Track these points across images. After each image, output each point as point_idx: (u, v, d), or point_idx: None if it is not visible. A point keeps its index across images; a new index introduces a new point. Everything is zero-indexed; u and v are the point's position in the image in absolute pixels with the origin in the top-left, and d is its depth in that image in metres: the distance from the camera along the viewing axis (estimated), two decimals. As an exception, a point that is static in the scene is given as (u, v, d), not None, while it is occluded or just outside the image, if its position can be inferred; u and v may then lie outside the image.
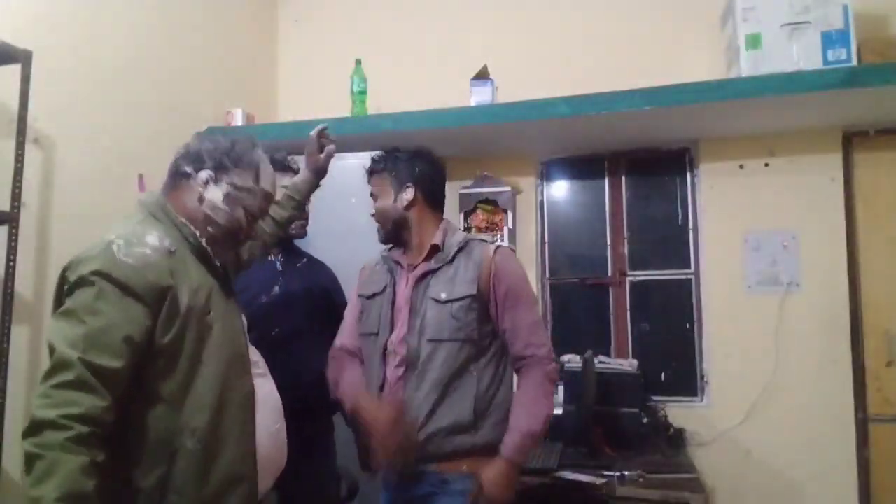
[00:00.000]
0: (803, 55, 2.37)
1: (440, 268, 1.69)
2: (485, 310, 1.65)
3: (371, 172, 1.81)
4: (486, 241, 1.79)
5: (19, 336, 1.97)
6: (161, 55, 2.64)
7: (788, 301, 2.68)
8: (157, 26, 2.63)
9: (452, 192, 3.09)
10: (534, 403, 1.61)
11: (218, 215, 1.35)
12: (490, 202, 2.98)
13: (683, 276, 2.92)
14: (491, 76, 2.77)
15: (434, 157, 1.84)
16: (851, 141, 2.71)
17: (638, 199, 3.02)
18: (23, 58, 1.89)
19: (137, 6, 2.53)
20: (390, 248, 1.83)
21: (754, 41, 2.44)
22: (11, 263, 1.85)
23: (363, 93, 2.89)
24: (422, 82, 3.12)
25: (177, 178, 1.37)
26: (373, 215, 1.80)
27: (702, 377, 2.82)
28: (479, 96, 2.73)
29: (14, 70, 1.88)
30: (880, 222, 2.66)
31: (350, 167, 2.45)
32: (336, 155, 2.76)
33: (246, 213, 1.39)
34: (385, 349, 1.68)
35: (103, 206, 2.34)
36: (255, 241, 1.67)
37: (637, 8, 2.96)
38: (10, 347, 1.85)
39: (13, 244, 1.86)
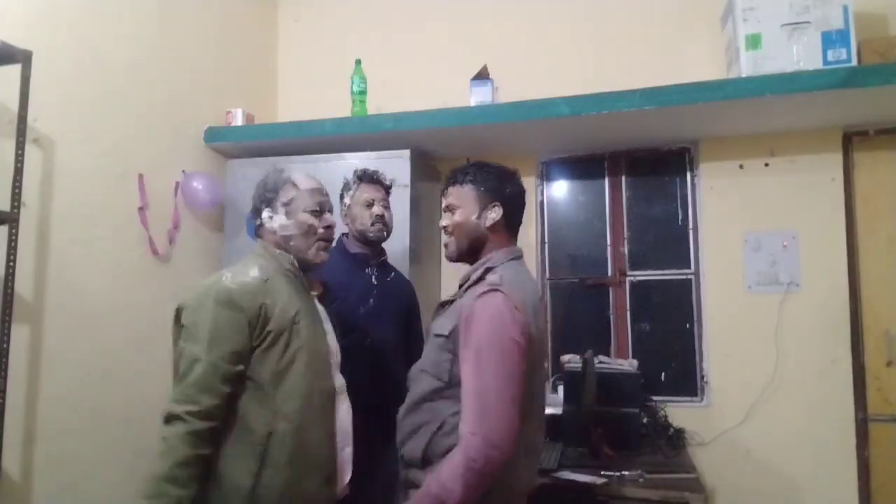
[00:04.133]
0: (803, 55, 2.37)
1: (453, 301, 1.62)
2: (457, 355, 1.51)
3: (452, 182, 1.70)
4: (487, 281, 1.54)
5: (19, 336, 1.97)
6: (161, 55, 2.64)
7: (788, 301, 2.68)
8: (157, 26, 2.63)
9: (452, 192, 3.09)
10: (442, 481, 1.40)
11: (289, 230, 1.67)
12: (490, 202, 2.98)
13: (683, 276, 2.92)
14: (491, 76, 2.77)
15: (520, 182, 1.72)
16: (851, 141, 2.71)
17: (638, 199, 3.02)
18: (23, 58, 1.89)
19: (137, 6, 2.53)
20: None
21: (754, 41, 2.44)
22: (11, 263, 1.86)
23: (363, 93, 2.90)
24: (422, 82, 3.12)
25: (257, 230, 1.73)
26: (444, 227, 1.69)
27: (702, 377, 2.82)
28: (479, 96, 2.73)
29: (14, 70, 1.88)
30: (880, 222, 2.66)
31: (350, 167, 2.46)
32: (336, 155, 2.80)
33: (307, 213, 1.67)
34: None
35: (103, 206, 2.34)
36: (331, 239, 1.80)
37: (637, 8, 2.96)
38: (10, 347, 1.85)
39: (13, 244, 1.86)
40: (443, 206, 1.72)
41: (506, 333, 1.44)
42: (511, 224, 1.67)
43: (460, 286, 1.65)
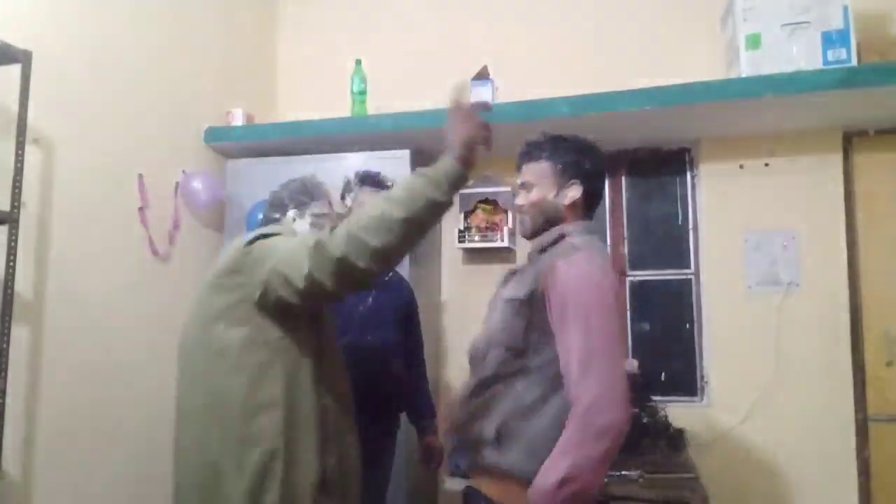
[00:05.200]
0: (803, 55, 2.37)
1: (521, 269, 1.56)
2: (539, 320, 1.41)
3: (527, 158, 1.59)
4: (573, 244, 1.47)
5: (19, 336, 1.97)
6: (161, 55, 2.64)
7: (788, 301, 2.68)
8: (158, 26, 2.63)
9: (452, 192, 3.09)
10: (561, 452, 1.30)
11: None
12: (490, 202, 2.98)
13: (683, 276, 2.91)
14: (491, 76, 2.77)
15: (601, 153, 1.61)
16: (851, 141, 2.71)
17: (638, 199, 3.02)
18: (23, 58, 1.89)
19: (138, 6, 2.53)
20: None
21: (754, 41, 2.44)
22: (11, 263, 1.85)
23: (363, 93, 2.90)
24: (422, 82, 3.11)
25: (270, 222, 1.65)
26: (519, 206, 1.61)
27: (702, 377, 2.82)
28: (479, 96, 2.73)
29: (14, 70, 1.88)
30: (880, 222, 2.66)
31: (350, 167, 2.46)
32: (336, 155, 2.80)
33: None
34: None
35: (103, 206, 2.34)
36: None
37: (637, 8, 2.96)
38: (10, 347, 1.85)
39: (13, 244, 1.86)
40: (518, 184, 1.63)
41: (603, 292, 1.39)
42: (591, 201, 1.58)
43: (530, 256, 1.58)
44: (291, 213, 1.65)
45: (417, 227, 1.28)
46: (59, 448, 2.11)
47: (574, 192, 1.54)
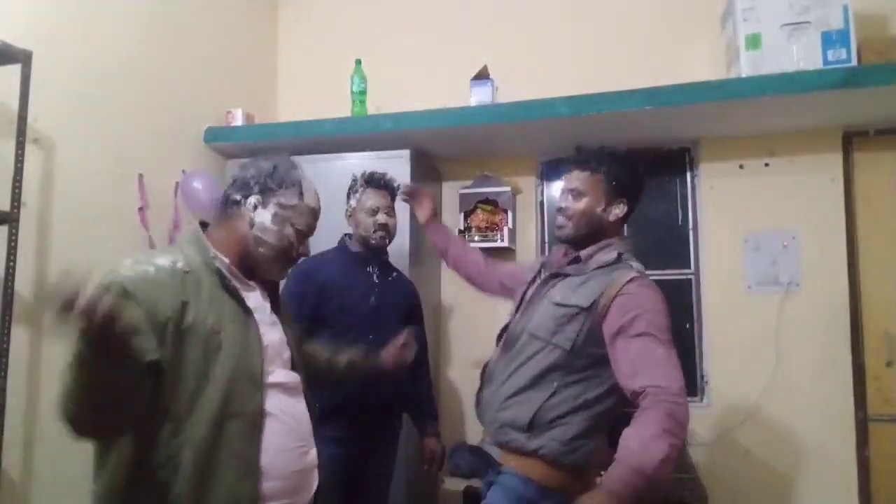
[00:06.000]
0: (803, 55, 2.37)
1: (571, 276, 1.64)
2: (593, 329, 1.54)
3: (584, 166, 1.68)
4: (632, 267, 1.60)
5: (19, 336, 1.97)
6: (161, 55, 2.64)
7: (788, 301, 2.68)
8: (157, 26, 2.63)
9: (452, 192, 3.10)
10: (645, 440, 1.36)
11: (268, 235, 1.40)
12: (490, 202, 2.98)
13: (683, 276, 2.91)
14: (491, 76, 2.77)
15: (644, 174, 1.73)
16: (851, 141, 2.71)
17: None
18: (23, 58, 1.89)
19: (137, 6, 2.53)
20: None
21: (754, 41, 2.44)
22: (11, 263, 1.86)
23: (363, 93, 2.90)
24: (422, 82, 3.12)
25: (227, 207, 1.44)
26: (562, 209, 1.69)
27: (702, 377, 2.82)
28: (479, 96, 2.73)
29: (14, 70, 1.88)
30: (880, 222, 2.66)
31: (350, 167, 2.46)
32: (336, 155, 2.80)
33: (294, 231, 1.43)
34: (504, 330, 1.75)
35: (103, 206, 2.34)
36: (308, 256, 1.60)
37: (637, 8, 2.96)
38: (10, 347, 1.85)
39: (13, 244, 1.86)
40: (565, 186, 1.71)
41: (665, 315, 1.53)
42: (628, 218, 1.70)
43: (573, 261, 1.67)
44: (253, 199, 1.40)
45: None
46: (59, 448, 2.11)
47: (620, 210, 1.66)
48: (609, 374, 1.53)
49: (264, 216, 1.40)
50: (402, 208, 2.34)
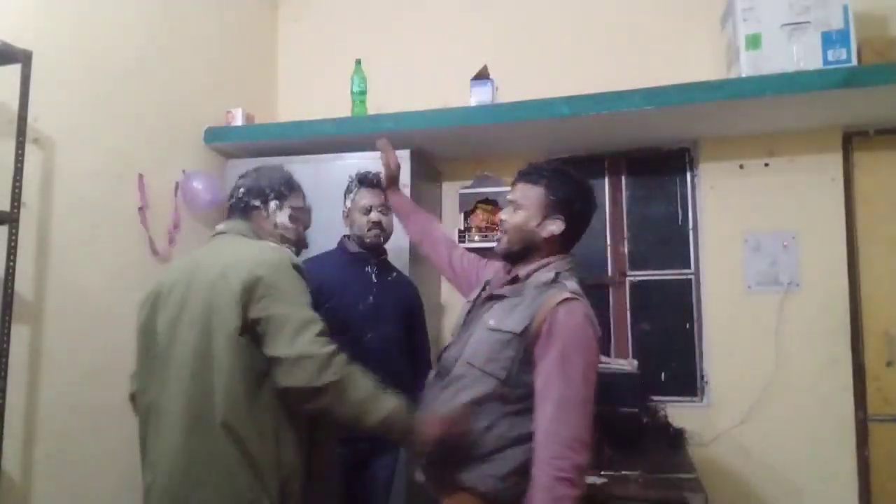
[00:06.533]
0: (803, 55, 2.37)
1: (507, 297, 1.57)
2: (528, 357, 1.46)
3: (526, 179, 1.63)
4: (566, 287, 1.50)
5: (19, 336, 1.97)
6: (161, 55, 2.64)
7: (788, 301, 2.68)
8: (158, 26, 2.63)
9: (452, 192, 3.10)
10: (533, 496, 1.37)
11: (289, 233, 1.69)
12: (490, 202, 2.98)
13: (683, 276, 2.91)
14: (491, 76, 2.77)
15: (594, 198, 1.66)
16: (851, 141, 2.71)
17: (638, 199, 3.02)
18: (23, 58, 1.89)
19: (138, 6, 2.53)
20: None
21: (754, 41, 2.44)
22: (11, 263, 1.85)
23: (363, 93, 2.89)
24: (422, 82, 3.12)
25: (247, 211, 1.67)
26: (502, 220, 1.65)
27: (702, 377, 2.82)
28: (479, 96, 2.73)
29: (14, 70, 1.88)
30: (880, 222, 2.66)
31: (350, 167, 2.46)
32: (336, 155, 2.80)
33: (302, 228, 1.73)
34: (441, 353, 1.68)
35: (103, 206, 2.34)
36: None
37: (637, 8, 2.96)
38: (10, 347, 1.85)
39: (13, 244, 1.86)
40: (507, 197, 1.67)
41: (590, 344, 1.46)
42: (569, 239, 1.62)
43: (511, 280, 1.61)
44: (274, 203, 1.67)
45: (355, 425, 1.43)
46: (59, 448, 2.11)
47: (555, 228, 1.57)
48: None
49: (283, 217, 1.66)
50: None
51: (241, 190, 1.68)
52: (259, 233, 1.65)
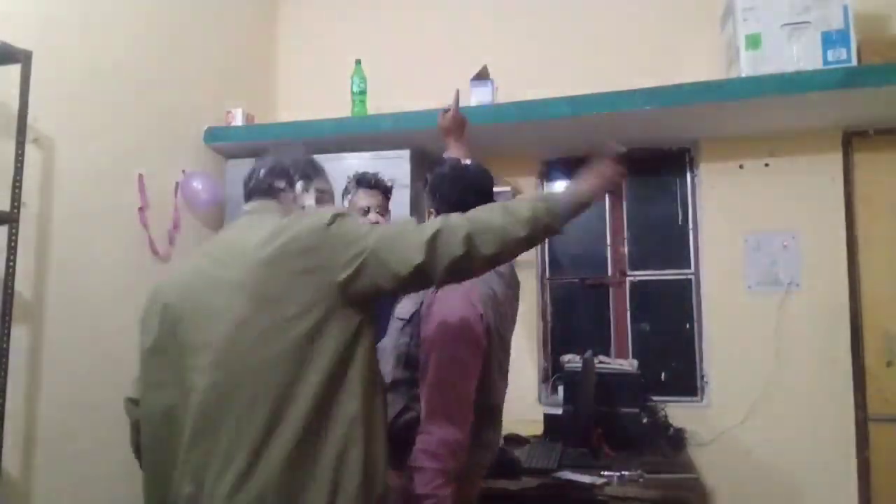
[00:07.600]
0: (803, 55, 2.37)
1: None
2: (416, 340, 1.54)
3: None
4: None
5: (19, 336, 1.97)
6: (161, 55, 2.64)
7: (788, 301, 2.68)
8: (157, 26, 2.63)
9: (452, 192, 3.09)
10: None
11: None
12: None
13: (683, 276, 2.91)
14: (491, 76, 2.77)
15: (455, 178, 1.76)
16: (851, 141, 2.71)
17: (638, 199, 3.02)
18: (23, 58, 1.89)
19: (137, 6, 2.53)
20: None
21: (754, 41, 2.44)
22: (11, 263, 1.85)
23: (363, 93, 2.90)
24: (422, 82, 3.11)
25: (271, 192, 1.53)
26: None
27: (702, 377, 2.82)
28: (479, 96, 2.73)
29: (14, 70, 1.88)
30: (880, 222, 2.66)
31: (350, 167, 2.46)
32: (336, 155, 2.80)
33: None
34: None
35: (103, 206, 2.34)
36: None
37: (637, 8, 2.96)
38: (10, 347, 1.85)
39: (13, 244, 1.86)
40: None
41: (463, 328, 1.47)
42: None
43: None
44: (300, 185, 1.55)
45: (526, 247, 1.30)
46: (59, 448, 2.11)
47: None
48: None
49: (309, 199, 1.54)
50: (396, 207, 2.33)
51: (262, 171, 1.55)
52: (287, 214, 1.54)
